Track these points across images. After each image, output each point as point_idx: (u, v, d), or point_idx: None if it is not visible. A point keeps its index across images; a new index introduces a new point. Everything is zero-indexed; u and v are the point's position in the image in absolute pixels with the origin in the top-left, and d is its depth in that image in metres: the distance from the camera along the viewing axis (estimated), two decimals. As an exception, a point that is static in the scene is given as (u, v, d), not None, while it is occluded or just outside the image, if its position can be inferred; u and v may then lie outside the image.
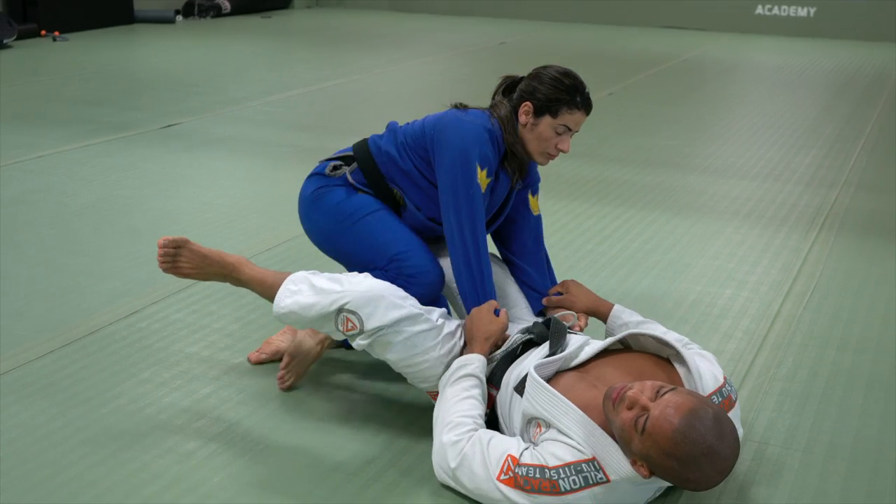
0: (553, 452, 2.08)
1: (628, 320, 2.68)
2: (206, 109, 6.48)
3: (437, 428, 2.27)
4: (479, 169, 2.60)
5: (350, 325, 2.36)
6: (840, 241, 4.14)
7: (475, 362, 2.38)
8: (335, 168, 2.79)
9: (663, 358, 2.32)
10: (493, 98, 2.75)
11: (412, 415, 2.61)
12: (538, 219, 2.90)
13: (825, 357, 3.04)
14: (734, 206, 4.63)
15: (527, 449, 2.14)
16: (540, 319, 2.61)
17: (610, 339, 2.35)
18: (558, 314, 2.70)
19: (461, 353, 2.46)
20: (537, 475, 2.06)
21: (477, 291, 2.60)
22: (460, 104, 2.75)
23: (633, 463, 2.02)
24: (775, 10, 11.74)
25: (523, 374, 2.30)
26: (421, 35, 10.89)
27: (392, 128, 2.82)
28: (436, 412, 2.32)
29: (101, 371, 2.80)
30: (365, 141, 2.83)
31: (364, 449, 2.44)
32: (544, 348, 2.39)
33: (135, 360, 2.88)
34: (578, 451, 2.07)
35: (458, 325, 2.51)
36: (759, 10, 11.80)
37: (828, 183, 5.07)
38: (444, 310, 2.51)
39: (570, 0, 12.38)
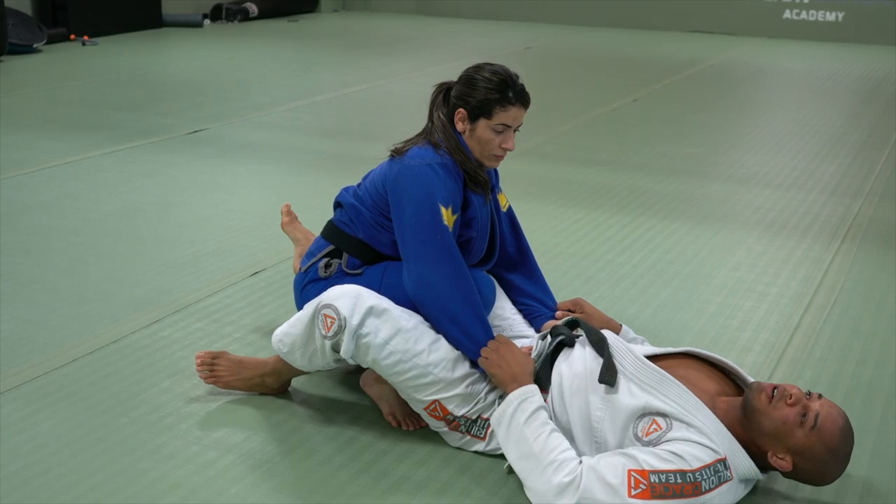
0: (693, 454, 2.11)
1: (636, 336, 2.74)
2: (232, 115, 6.53)
3: (535, 470, 2.18)
4: (443, 209, 2.53)
5: (329, 321, 2.40)
6: (862, 252, 4.13)
7: (535, 393, 2.33)
8: (327, 266, 2.75)
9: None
10: (431, 110, 2.67)
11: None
12: (509, 211, 2.90)
13: (844, 371, 3.03)
14: (756, 215, 4.62)
15: (642, 454, 2.12)
16: (538, 333, 2.67)
17: (676, 349, 2.46)
18: (555, 323, 2.71)
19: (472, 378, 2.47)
20: (678, 480, 2.08)
21: (479, 337, 2.47)
22: (395, 150, 2.67)
23: (772, 456, 2.17)
24: (803, 15, 11.67)
25: (590, 370, 2.32)
26: (446, 39, 10.91)
27: (347, 201, 2.76)
28: (518, 453, 2.24)
29: (122, 380, 2.84)
30: (335, 227, 2.77)
31: (382, 459, 2.46)
32: (580, 348, 2.42)
33: (156, 369, 2.91)
34: (714, 451, 2.13)
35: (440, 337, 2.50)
36: (787, 14, 11.74)
37: (852, 192, 5.04)
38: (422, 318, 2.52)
39: (597, 4, 12.36)
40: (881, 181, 5.29)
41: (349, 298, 2.42)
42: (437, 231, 2.52)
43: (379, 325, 2.41)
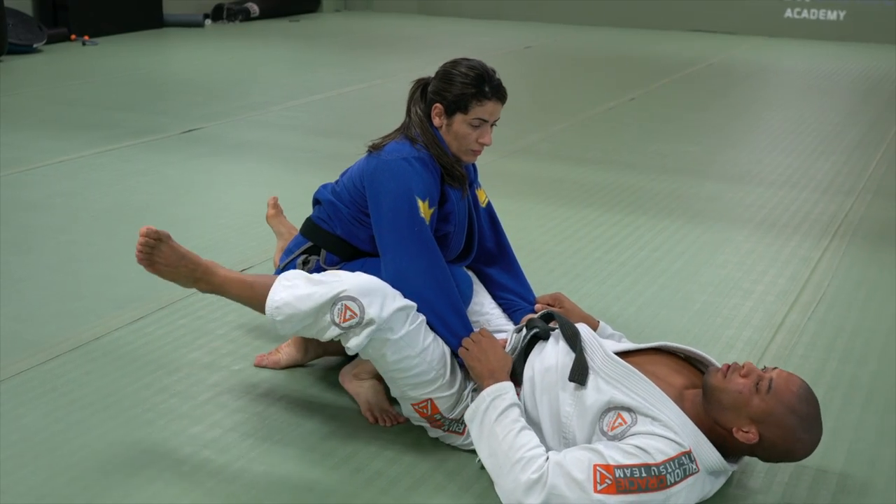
0: (657, 448, 2.12)
1: (613, 332, 2.74)
2: (229, 114, 6.55)
3: (503, 468, 2.17)
4: (420, 202, 2.54)
5: (349, 313, 2.33)
6: (852, 250, 4.12)
7: (510, 391, 2.32)
8: (305, 263, 2.76)
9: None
10: (409, 106, 2.69)
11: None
12: (489, 206, 2.90)
13: (825, 369, 3.03)
14: (747, 213, 4.62)
15: (608, 449, 2.13)
16: (515, 326, 2.66)
17: (648, 344, 2.47)
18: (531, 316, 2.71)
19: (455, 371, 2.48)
20: (643, 474, 2.08)
21: (457, 328, 2.50)
22: (373, 145, 2.69)
23: (738, 430, 2.15)
24: (804, 14, 11.66)
25: (562, 365, 2.32)
26: (447, 39, 10.92)
27: (325, 197, 2.77)
28: (489, 451, 2.23)
29: (103, 376, 2.85)
30: (313, 224, 2.79)
31: (357, 455, 2.47)
32: (554, 342, 2.43)
33: (138, 365, 2.93)
34: (678, 444, 2.14)
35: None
36: (789, 13, 11.72)
37: (845, 190, 5.04)
38: None
39: (597, 4, 12.36)
40: (875, 179, 5.28)
41: (378, 297, 2.35)
42: (414, 224, 2.53)
43: (398, 324, 2.38)
